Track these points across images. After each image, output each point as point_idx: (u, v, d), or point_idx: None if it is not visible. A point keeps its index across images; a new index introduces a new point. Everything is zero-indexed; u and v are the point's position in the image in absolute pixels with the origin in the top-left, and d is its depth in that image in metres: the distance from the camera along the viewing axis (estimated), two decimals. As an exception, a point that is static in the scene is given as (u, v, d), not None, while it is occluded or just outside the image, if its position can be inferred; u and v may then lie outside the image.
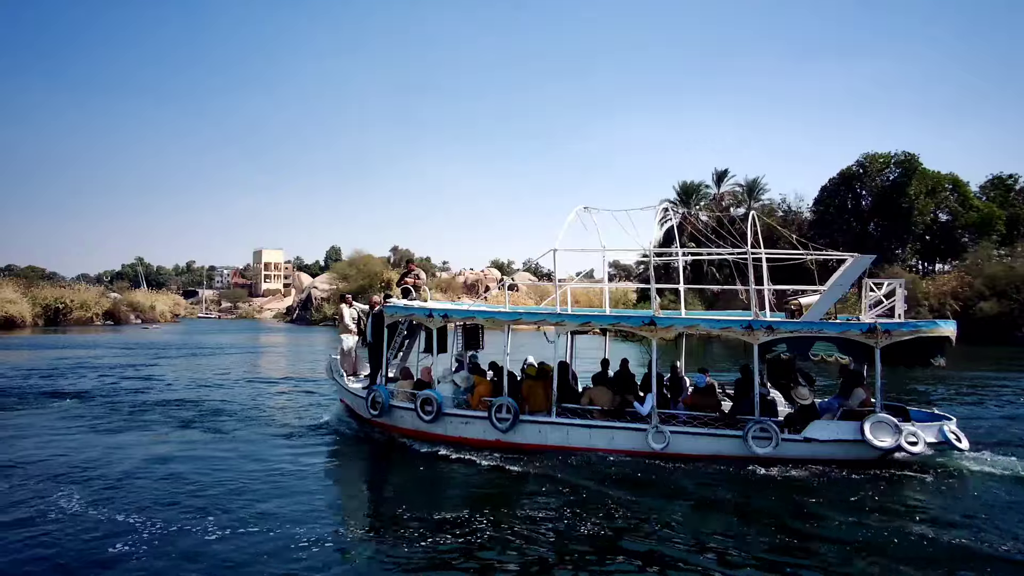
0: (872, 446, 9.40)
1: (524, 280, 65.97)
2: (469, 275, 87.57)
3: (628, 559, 6.68)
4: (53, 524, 7.49)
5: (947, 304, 42.11)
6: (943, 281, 45.51)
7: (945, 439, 9.55)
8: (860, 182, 54.28)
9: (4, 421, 13.76)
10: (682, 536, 7.30)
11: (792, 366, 10.99)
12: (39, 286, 66.50)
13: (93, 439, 12.08)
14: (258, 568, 6.37)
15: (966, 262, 45.74)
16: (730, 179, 64.86)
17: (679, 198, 63.71)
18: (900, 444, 9.34)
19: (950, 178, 52.34)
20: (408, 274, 13.58)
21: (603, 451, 10.34)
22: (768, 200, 62.10)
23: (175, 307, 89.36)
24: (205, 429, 12.90)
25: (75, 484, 9.01)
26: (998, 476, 9.29)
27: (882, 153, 53.30)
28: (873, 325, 9.55)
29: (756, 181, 62.56)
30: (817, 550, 6.89)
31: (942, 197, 51.85)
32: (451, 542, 7.03)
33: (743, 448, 9.76)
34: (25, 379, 20.65)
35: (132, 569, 6.35)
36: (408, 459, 10.77)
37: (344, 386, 13.01)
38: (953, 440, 9.55)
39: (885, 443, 9.38)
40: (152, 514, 7.77)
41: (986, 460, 9.83)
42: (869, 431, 9.41)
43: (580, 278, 13.04)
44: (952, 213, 52.04)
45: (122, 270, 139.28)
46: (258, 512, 7.90)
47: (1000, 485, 8.95)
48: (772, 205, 60.94)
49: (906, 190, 50.37)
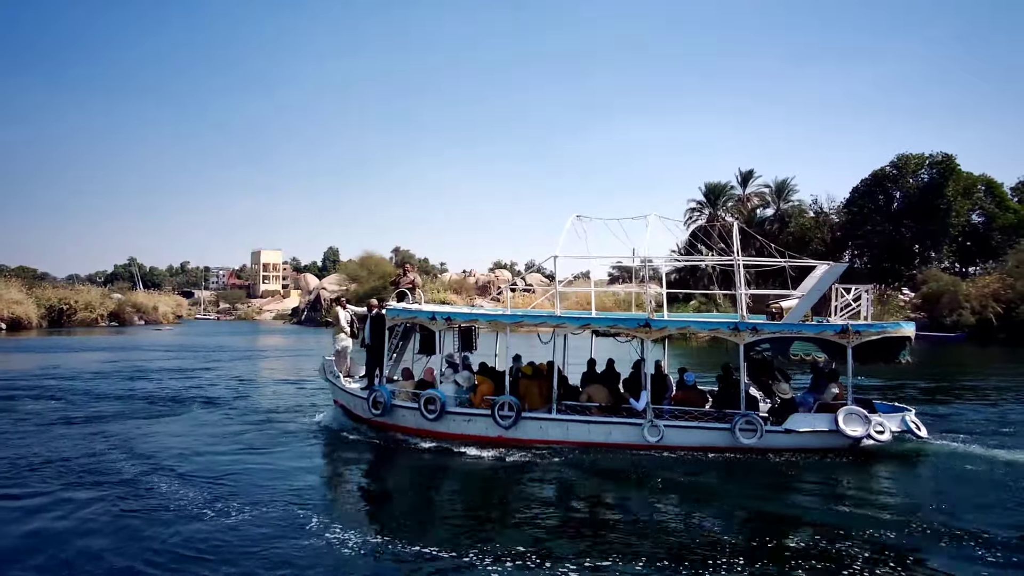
0: (845, 435, 10.46)
1: (535, 281, 65.81)
2: (480, 276, 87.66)
3: (628, 543, 7.16)
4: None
5: (989, 306, 42.52)
6: (984, 283, 45.22)
7: (907, 428, 10.70)
8: (893, 183, 53.78)
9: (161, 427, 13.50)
10: (677, 519, 8.01)
11: (771, 364, 11.99)
12: (40, 287, 64.17)
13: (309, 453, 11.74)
14: (269, 558, 6.66)
15: (1007, 264, 45.32)
16: (756, 180, 64.06)
17: (706, 199, 63.00)
18: (869, 433, 10.42)
19: (984, 179, 52.26)
20: (404, 276, 13.96)
21: (601, 445, 11.05)
22: (798, 201, 61.36)
23: (177, 308, 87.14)
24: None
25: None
26: (950, 458, 10.57)
27: (916, 154, 52.81)
28: (846, 326, 10.61)
29: (785, 182, 61.67)
30: (798, 527, 7.69)
31: (975, 199, 51.60)
32: (458, 529, 7.53)
33: (731, 439, 10.64)
34: (110, 382, 20.15)
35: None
36: (412, 456, 11.18)
37: (341, 387, 13.28)
38: (914, 429, 10.71)
39: (856, 432, 10.44)
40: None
41: (941, 446, 11.07)
42: (843, 422, 10.46)
43: (579, 280, 13.72)
44: (987, 215, 51.83)
45: (115, 271, 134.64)
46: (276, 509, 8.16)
47: (951, 465, 10.25)
48: (802, 206, 60.43)
49: (943, 191, 49.70)
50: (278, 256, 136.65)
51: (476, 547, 6.89)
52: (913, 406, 11.80)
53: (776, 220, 60.82)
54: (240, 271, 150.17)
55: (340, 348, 13.87)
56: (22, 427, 13.18)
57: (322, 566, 6.49)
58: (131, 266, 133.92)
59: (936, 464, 10.36)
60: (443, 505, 8.80)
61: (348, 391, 13.12)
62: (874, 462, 10.40)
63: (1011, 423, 13.61)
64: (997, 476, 9.60)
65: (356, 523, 7.76)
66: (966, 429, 12.70)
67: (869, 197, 54.96)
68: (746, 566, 6.41)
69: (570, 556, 6.71)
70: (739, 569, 6.35)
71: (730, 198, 63.92)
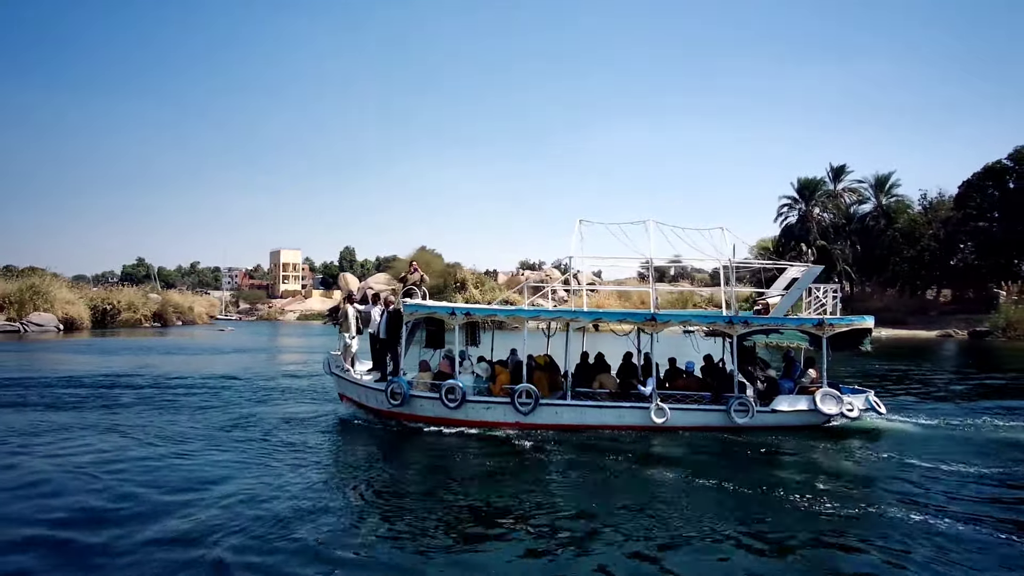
0: (822, 414, 12.15)
1: (589, 280, 64.97)
2: (532, 275, 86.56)
3: (637, 512, 7.95)
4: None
5: None
6: None
7: (870, 406, 12.53)
8: (1010, 176, 52.42)
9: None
10: (679, 491, 8.97)
11: (753, 353, 13.58)
12: (80, 287, 60.68)
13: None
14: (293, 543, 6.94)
15: None
16: (848, 175, 62.42)
17: (798, 194, 61.18)
18: (842, 411, 12.16)
19: None
20: (412, 273, 14.60)
21: (612, 427, 12.22)
22: (901, 196, 59.97)
23: (210, 309, 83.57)
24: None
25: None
26: (904, 431, 12.49)
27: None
28: (821, 320, 12.32)
29: (887, 177, 60.12)
30: (785, 491, 8.82)
31: None
32: (480, 507, 8.19)
33: (727, 419, 12.10)
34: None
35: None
36: (433, 442, 11.78)
37: (353, 380, 13.76)
38: (875, 406, 12.55)
39: (832, 411, 12.16)
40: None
41: (897, 420, 13.01)
42: (820, 402, 12.15)
43: (601, 279, 14.83)
44: None
45: (124, 271, 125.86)
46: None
47: (906, 436, 12.14)
48: (906, 201, 59.15)
49: None
50: (297, 256, 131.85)
51: (508, 520, 7.64)
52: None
53: (881, 216, 59.17)
54: (254, 271, 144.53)
55: (348, 343, 14.32)
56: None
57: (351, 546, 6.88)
58: (139, 266, 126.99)
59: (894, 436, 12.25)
60: (470, 485, 9.29)
61: (361, 383, 13.63)
62: (844, 434, 12.15)
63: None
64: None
65: (395, 504, 8.34)
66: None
67: (980, 191, 53.70)
68: (746, 525, 7.50)
69: (601, 520, 7.63)
70: (742, 530, 7.40)
71: (824, 193, 61.57)
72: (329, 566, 6.33)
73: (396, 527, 7.39)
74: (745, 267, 14.47)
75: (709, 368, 13.38)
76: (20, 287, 51.05)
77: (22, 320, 48.60)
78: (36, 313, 49.82)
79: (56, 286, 54.21)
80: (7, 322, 47.83)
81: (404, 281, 14.64)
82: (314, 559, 6.49)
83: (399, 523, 7.51)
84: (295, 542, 6.87)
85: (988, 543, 6.94)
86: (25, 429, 12.19)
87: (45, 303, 51.16)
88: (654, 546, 6.85)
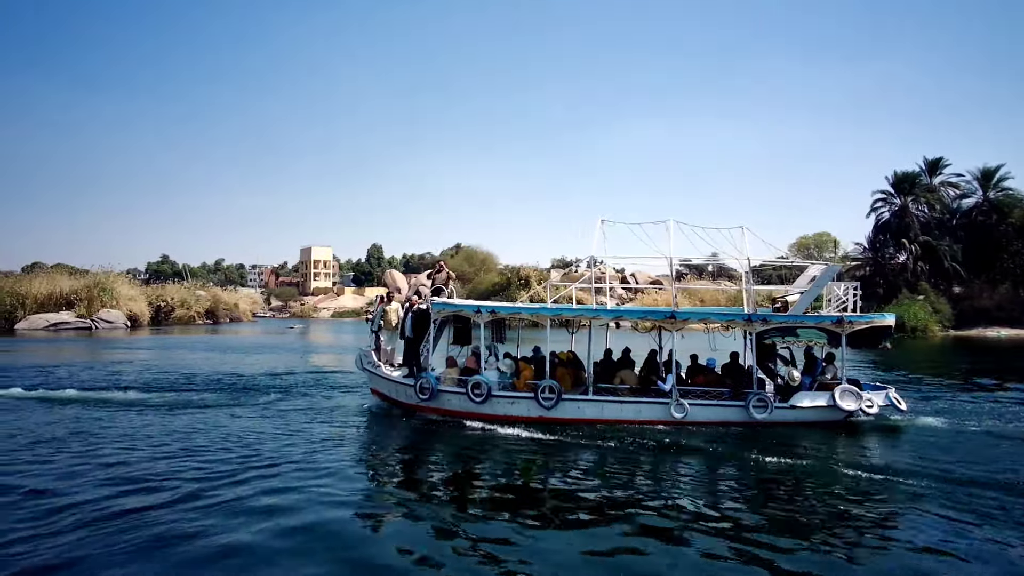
0: (841, 410, 12.31)
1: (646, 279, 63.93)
2: (586, 273, 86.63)
3: (657, 503, 8.36)
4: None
5: None
6: None
7: (890, 403, 12.64)
8: None
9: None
10: (698, 483, 9.39)
11: (774, 350, 13.78)
12: (131, 283, 62.27)
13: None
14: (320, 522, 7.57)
15: None
16: (945, 168, 58.91)
17: (894, 189, 58.14)
18: (861, 408, 12.31)
19: None
20: (439, 273, 15.17)
21: (632, 422, 12.58)
22: (1011, 190, 56.28)
23: (253, 306, 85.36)
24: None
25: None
26: (925, 429, 12.53)
27: None
28: (840, 317, 12.48)
29: (994, 170, 56.38)
30: (802, 485, 9.21)
31: None
32: (506, 494, 8.75)
33: (745, 415, 12.35)
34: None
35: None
36: (462, 435, 12.30)
37: (385, 376, 14.37)
38: (895, 403, 12.66)
39: (851, 407, 12.32)
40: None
41: (917, 418, 13.07)
42: (839, 398, 12.32)
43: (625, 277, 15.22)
44: None
45: (149, 268, 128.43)
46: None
47: (926, 434, 12.19)
48: (1016, 194, 55.83)
49: None
50: (328, 253, 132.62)
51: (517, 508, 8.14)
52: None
53: (992, 210, 56.15)
54: (280, 268, 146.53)
55: (385, 339, 14.98)
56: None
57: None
58: (164, 263, 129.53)
59: (914, 433, 12.32)
60: (496, 475, 9.87)
61: (391, 379, 14.25)
62: (863, 431, 12.29)
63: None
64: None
65: (426, 492, 9.02)
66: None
67: None
68: (764, 515, 7.93)
69: (622, 507, 8.17)
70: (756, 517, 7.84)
71: (921, 187, 58.21)
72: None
73: (426, 506, 8.09)
74: (770, 265, 14.70)
75: (732, 365, 13.62)
76: (88, 284, 52.45)
77: (92, 317, 50.07)
78: (105, 310, 51.28)
79: (119, 283, 55.64)
80: (78, 319, 49.44)
81: (433, 280, 15.22)
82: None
83: (427, 504, 8.18)
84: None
85: (989, 545, 7.07)
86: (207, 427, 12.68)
87: (112, 300, 52.59)
88: (673, 535, 7.23)
